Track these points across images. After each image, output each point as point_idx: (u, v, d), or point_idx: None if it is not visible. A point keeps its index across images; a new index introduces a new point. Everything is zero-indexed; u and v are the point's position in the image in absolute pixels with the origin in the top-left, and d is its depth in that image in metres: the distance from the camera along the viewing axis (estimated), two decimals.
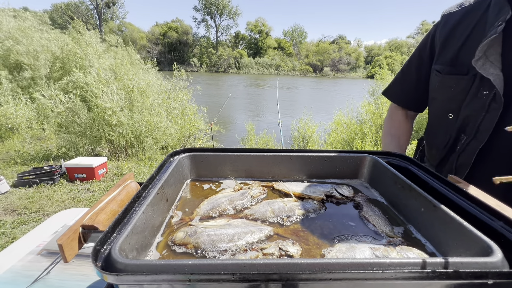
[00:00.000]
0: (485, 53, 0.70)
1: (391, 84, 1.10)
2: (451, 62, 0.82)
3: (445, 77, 0.83)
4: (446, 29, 0.85)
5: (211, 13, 60.61)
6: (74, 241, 0.45)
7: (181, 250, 0.50)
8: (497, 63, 0.69)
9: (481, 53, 0.70)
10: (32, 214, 3.03)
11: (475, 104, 0.76)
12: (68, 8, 43.92)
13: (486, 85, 0.72)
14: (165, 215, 0.61)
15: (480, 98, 0.74)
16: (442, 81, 0.85)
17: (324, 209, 0.67)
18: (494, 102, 0.71)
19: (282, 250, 0.49)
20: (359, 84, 25.03)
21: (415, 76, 0.98)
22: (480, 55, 0.70)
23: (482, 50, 0.70)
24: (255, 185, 0.76)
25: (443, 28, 0.87)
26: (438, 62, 0.87)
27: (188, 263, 0.36)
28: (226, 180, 0.81)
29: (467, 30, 0.79)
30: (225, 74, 48.04)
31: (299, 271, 0.35)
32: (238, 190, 0.73)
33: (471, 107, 0.77)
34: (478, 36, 0.75)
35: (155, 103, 5.22)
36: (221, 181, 0.81)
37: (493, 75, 0.69)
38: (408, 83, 1.02)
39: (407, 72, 1.02)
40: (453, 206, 0.53)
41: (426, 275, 0.35)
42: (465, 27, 0.80)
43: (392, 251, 0.49)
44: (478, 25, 0.77)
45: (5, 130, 5.84)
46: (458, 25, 0.82)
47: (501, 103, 0.70)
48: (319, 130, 6.35)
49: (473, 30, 0.78)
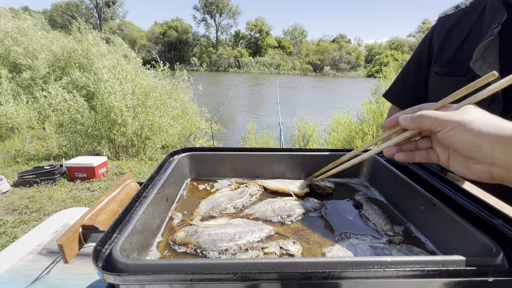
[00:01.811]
0: (483, 54, 0.70)
1: (392, 86, 1.10)
2: (449, 64, 0.82)
3: (443, 79, 0.83)
4: (443, 31, 0.85)
5: (211, 12, 60.56)
6: (74, 242, 0.45)
7: (182, 250, 0.50)
8: (495, 64, 0.69)
9: (479, 54, 0.70)
10: (32, 213, 3.03)
11: None
12: (68, 8, 43.90)
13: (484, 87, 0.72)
14: (166, 215, 0.61)
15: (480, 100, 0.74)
16: (440, 83, 0.85)
17: (325, 208, 0.67)
18: (493, 103, 0.71)
19: (283, 249, 0.49)
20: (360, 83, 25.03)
21: (414, 79, 0.98)
22: (478, 57, 0.70)
23: (480, 52, 0.70)
24: (252, 183, 0.77)
25: (440, 30, 0.87)
26: (436, 64, 0.87)
27: (189, 263, 0.36)
28: (222, 180, 0.81)
29: (464, 32, 0.79)
30: (225, 73, 48.02)
31: (301, 270, 0.35)
32: (235, 189, 0.73)
33: None
34: (475, 38, 0.75)
35: (159, 103, 5.23)
36: (221, 180, 0.81)
37: None
38: (408, 85, 1.02)
39: (406, 74, 1.02)
40: (453, 205, 0.53)
41: (428, 273, 0.35)
42: (461, 29, 0.81)
43: (393, 250, 0.49)
44: (474, 27, 0.77)
45: (6, 130, 5.85)
46: (455, 27, 0.83)
47: (500, 104, 0.70)
48: (320, 129, 6.35)
49: (470, 32, 0.78)
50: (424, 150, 0.49)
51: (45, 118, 6.42)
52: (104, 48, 6.68)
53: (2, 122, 5.74)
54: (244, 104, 15.67)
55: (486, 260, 0.38)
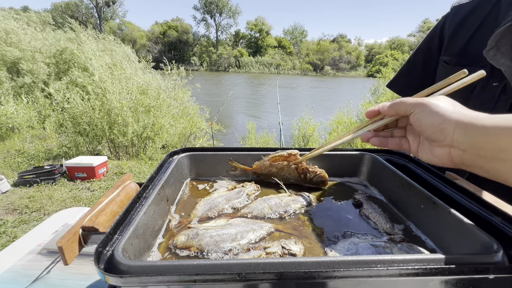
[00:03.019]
0: (497, 43, 0.68)
1: (396, 77, 1.07)
2: (460, 53, 0.81)
3: (453, 68, 0.81)
4: (456, 20, 0.84)
5: (211, 12, 60.51)
6: (74, 243, 0.44)
7: (185, 254, 0.49)
8: (509, 53, 0.68)
9: (493, 43, 0.68)
10: (32, 213, 3.03)
11: (484, 96, 0.75)
12: (67, 7, 43.86)
13: (496, 76, 0.71)
14: (166, 216, 0.61)
15: (489, 90, 0.73)
16: (448, 73, 0.83)
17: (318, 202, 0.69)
18: (504, 93, 0.70)
19: (285, 249, 0.49)
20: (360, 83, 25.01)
21: (422, 68, 0.96)
22: (492, 45, 0.69)
23: (494, 40, 0.68)
24: (248, 183, 0.77)
25: (452, 20, 0.85)
26: (446, 54, 0.85)
27: (192, 264, 0.36)
28: (220, 180, 0.81)
29: (477, 21, 0.78)
30: (225, 73, 48.00)
31: (305, 270, 0.35)
32: (232, 189, 0.73)
33: (479, 99, 0.76)
34: (488, 28, 0.74)
35: (158, 103, 5.22)
36: (220, 180, 0.81)
37: (504, 65, 0.68)
38: (414, 75, 0.99)
39: (413, 64, 1.00)
40: (452, 203, 0.53)
41: (430, 271, 0.35)
42: (475, 18, 0.79)
43: (394, 248, 0.49)
44: (489, 16, 0.76)
45: (6, 130, 5.85)
46: (468, 16, 0.81)
47: (511, 94, 0.69)
48: (320, 129, 6.35)
49: (484, 22, 0.77)
50: (398, 138, 0.54)
51: (45, 118, 6.42)
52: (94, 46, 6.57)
53: (2, 122, 5.74)
54: (244, 104, 15.66)
55: (486, 257, 0.39)
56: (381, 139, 0.55)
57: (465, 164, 0.42)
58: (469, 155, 0.41)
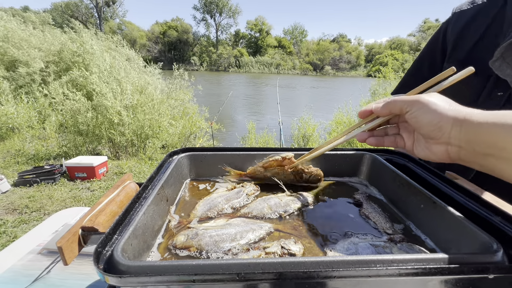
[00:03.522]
0: (502, 54, 0.68)
1: (402, 83, 1.06)
2: (465, 60, 0.80)
3: None
4: (458, 27, 0.83)
5: (211, 11, 60.49)
6: (74, 244, 0.44)
7: (184, 254, 0.49)
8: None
9: (499, 54, 0.68)
10: (33, 213, 3.03)
11: (488, 105, 0.74)
12: (67, 7, 43.84)
13: (501, 86, 0.71)
14: (166, 216, 0.61)
15: (494, 99, 0.73)
16: None
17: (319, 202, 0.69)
18: (509, 103, 0.71)
19: (284, 249, 0.49)
20: (360, 82, 25.03)
21: (428, 75, 0.95)
22: (498, 56, 0.69)
23: (500, 52, 0.68)
24: (248, 183, 0.77)
25: (454, 26, 0.85)
26: (451, 60, 0.85)
27: (192, 264, 0.36)
28: (220, 180, 0.81)
29: (482, 28, 0.78)
30: (225, 73, 48.00)
31: (304, 270, 0.35)
32: (232, 189, 0.73)
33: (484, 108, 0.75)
34: (492, 35, 0.73)
35: (156, 102, 5.22)
36: (220, 180, 0.81)
37: (510, 76, 0.68)
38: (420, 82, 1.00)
39: (418, 71, 0.99)
40: (452, 202, 0.53)
41: (429, 271, 0.35)
42: (479, 24, 0.78)
43: (394, 248, 0.49)
44: (493, 23, 0.75)
45: (6, 130, 5.84)
46: (471, 23, 0.81)
47: None
48: (320, 129, 6.34)
49: (487, 29, 0.76)
50: (392, 136, 0.54)
51: (45, 118, 6.41)
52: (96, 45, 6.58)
53: (2, 122, 5.73)
54: (244, 103, 15.65)
55: (486, 257, 0.39)
56: (378, 139, 0.55)
57: (463, 160, 0.43)
58: (466, 151, 0.41)
